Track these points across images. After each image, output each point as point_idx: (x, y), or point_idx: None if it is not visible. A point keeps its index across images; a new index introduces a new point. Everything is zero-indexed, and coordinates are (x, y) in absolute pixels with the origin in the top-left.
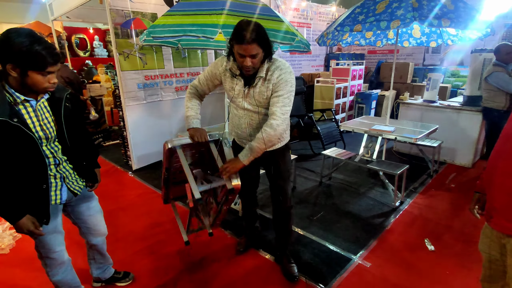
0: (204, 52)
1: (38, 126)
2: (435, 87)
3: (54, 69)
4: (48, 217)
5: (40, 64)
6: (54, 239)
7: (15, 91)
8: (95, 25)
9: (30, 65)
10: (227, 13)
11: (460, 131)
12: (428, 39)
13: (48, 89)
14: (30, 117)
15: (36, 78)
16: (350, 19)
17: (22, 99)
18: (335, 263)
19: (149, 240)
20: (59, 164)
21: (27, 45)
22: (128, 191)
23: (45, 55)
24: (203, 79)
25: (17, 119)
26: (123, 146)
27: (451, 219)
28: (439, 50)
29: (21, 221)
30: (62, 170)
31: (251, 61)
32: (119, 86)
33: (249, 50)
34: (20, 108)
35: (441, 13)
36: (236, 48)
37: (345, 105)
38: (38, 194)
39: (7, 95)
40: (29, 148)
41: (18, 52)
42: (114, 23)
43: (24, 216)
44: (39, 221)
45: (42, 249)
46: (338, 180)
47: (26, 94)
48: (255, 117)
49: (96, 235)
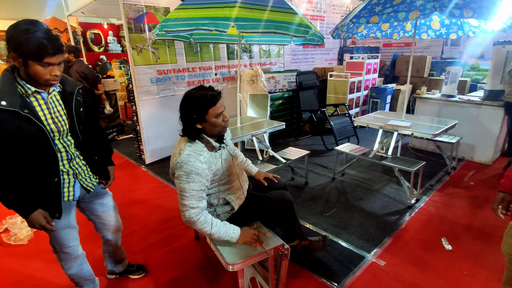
0: (216, 46)
1: (49, 118)
2: (454, 81)
3: (53, 60)
4: (60, 211)
5: (37, 54)
6: (68, 234)
7: (26, 83)
8: (109, 21)
9: (28, 55)
10: (240, 5)
11: (480, 127)
12: (448, 30)
13: (49, 81)
14: (42, 109)
15: (36, 69)
16: (367, 10)
17: (33, 90)
18: (348, 261)
19: (162, 234)
20: (72, 160)
21: (27, 34)
22: (141, 185)
23: (43, 45)
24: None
25: (28, 110)
26: (136, 140)
27: (470, 218)
28: (459, 43)
29: (32, 215)
30: (74, 166)
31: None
32: (132, 80)
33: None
34: (31, 100)
35: (463, 2)
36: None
37: (359, 99)
38: (50, 187)
39: (19, 87)
40: (40, 140)
41: (18, 41)
42: (127, 17)
43: (36, 210)
44: (51, 216)
45: (56, 244)
46: (351, 176)
47: (36, 86)
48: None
49: (111, 231)
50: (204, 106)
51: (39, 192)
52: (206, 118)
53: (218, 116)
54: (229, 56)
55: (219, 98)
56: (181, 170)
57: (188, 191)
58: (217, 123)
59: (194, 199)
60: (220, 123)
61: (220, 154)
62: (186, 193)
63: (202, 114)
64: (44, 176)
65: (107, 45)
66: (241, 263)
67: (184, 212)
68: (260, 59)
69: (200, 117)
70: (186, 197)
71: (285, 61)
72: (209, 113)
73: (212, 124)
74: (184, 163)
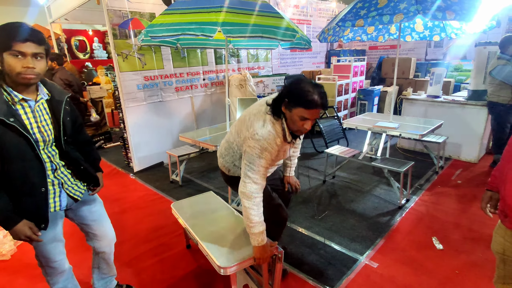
0: (204, 51)
1: (35, 128)
2: (438, 82)
3: (24, 48)
4: (46, 221)
5: (7, 41)
6: (54, 248)
7: (13, 90)
8: (94, 27)
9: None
10: (226, 10)
11: (465, 126)
12: (431, 33)
13: (22, 75)
14: (28, 118)
15: (8, 61)
16: (352, 14)
17: (20, 98)
18: (342, 264)
19: (153, 243)
20: (56, 170)
21: (1, 27)
22: (130, 193)
23: (13, 31)
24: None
25: (14, 119)
26: (124, 148)
27: (459, 216)
28: (442, 44)
29: (17, 227)
30: (59, 176)
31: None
32: (118, 87)
33: (316, 114)
34: (18, 108)
35: (445, 5)
36: (301, 111)
37: (347, 102)
38: (36, 198)
39: (5, 94)
40: (25, 150)
41: None
42: (112, 24)
43: (21, 221)
44: (37, 226)
45: (42, 258)
46: (342, 178)
47: (22, 91)
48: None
49: (102, 241)
50: (298, 101)
51: (24, 203)
52: (292, 110)
53: (302, 119)
54: (217, 61)
55: (316, 108)
56: (258, 143)
57: (258, 165)
58: (296, 123)
59: (259, 175)
60: (299, 126)
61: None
62: (255, 166)
63: (292, 105)
64: (29, 186)
65: (93, 52)
66: (234, 266)
67: (246, 184)
68: (248, 63)
69: (289, 105)
70: (254, 170)
71: (273, 65)
72: (297, 110)
73: (292, 119)
74: (263, 139)
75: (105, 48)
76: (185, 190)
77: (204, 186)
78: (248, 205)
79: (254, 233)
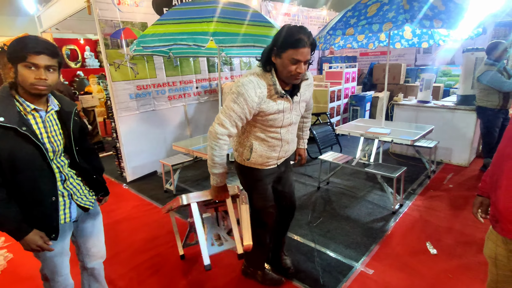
0: (196, 60)
1: (46, 138)
2: (428, 87)
3: (38, 60)
4: (57, 232)
5: (22, 53)
6: (62, 261)
7: (25, 100)
8: (86, 36)
9: (15, 57)
10: (218, 20)
11: (455, 131)
12: (420, 40)
13: (35, 86)
14: (38, 127)
15: (21, 72)
16: (342, 22)
17: (32, 107)
18: (337, 271)
19: (148, 254)
20: (66, 180)
21: (17, 40)
22: (123, 203)
23: (28, 44)
24: (237, 121)
25: (26, 128)
26: (117, 158)
27: (451, 221)
28: (431, 50)
29: (28, 236)
30: (69, 186)
31: (304, 67)
32: (111, 97)
33: (306, 54)
34: (29, 118)
35: (433, 14)
36: (290, 53)
37: (340, 108)
38: (46, 207)
39: (17, 104)
40: (37, 159)
41: (9, 48)
42: (103, 33)
43: (32, 231)
44: (47, 236)
45: (48, 271)
46: (336, 184)
47: (33, 102)
48: (294, 129)
49: (94, 257)
50: (286, 44)
51: (35, 213)
52: (282, 55)
53: (294, 62)
54: (210, 69)
55: (305, 46)
56: (237, 88)
57: (230, 110)
58: (288, 68)
59: (229, 120)
60: (291, 70)
61: (281, 104)
62: (227, 110)
63: (281, 50)
64: (40, 196)
65: (84, 61)
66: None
67: (215, 124)
68: (241, 71)
69: (278, 52)
70: (225, 114)
71: None
72: (287, 53)
73: (283, 65)
74: (241, 85)
75: (97, 56)
76: None
77: None
78: (211, 144)
79: (213, 173)
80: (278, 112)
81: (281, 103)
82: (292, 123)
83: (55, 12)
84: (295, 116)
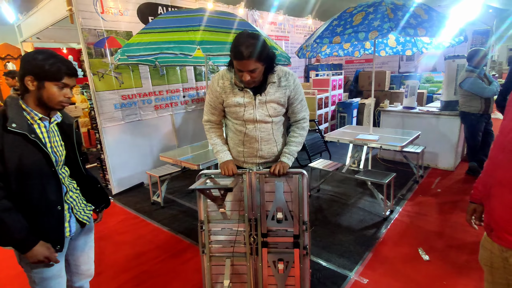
0: (183, 69)
1: (49, 148)
2: (413, 94)
3: (70, 81)
4: (62, 243)
5: (56, 75)
6: (59, 285)
7: (33, 109)
8: (69, 45)
9: (47, 76)
10: (204, 29)
11: (440, 136)
12: (404, 47)
13: (62, 103)
14: (43, 137)
15: (51, 90)
16: (329, 31)
17: (40, 116)
18: (332, 282)
19: (134, 271)
20: (66, 193)
21: (45, 57)
22: (108, 217)
23: (61, 66)
24: (210, 109)
25: (35, 135)
26: (102, 169)
27: (441, 225)
28: (413, 58)
29: (36, 248)
30: (69, 200)
31: (250, 75)
32: (94, 107)
33: (246, 66)
34: (35, 127)
35: (416, 22)
36: (235, 63)
37: (328, 115)
38: (53, 216)
39: (25, 113)
40: (44, 167)
41: (36, 64)
42: (86, 42)
43: (38, 242)
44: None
45: None
46: (326, 191)
47: (43, 112)
48: (266, 128)
49: (83, 275)
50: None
51: (41, 223)
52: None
53: (238, 70)
54: (197, 78)
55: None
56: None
57: (206, 100)
58: (238, 73)
59: (206, 109)
60: (239, 75)
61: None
62: (205, 101)
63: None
64: (46, 205)
65: None
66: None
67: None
68: None
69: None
70: (205, 104)
71: None
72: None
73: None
74: (211, 78)
75: (81, 66)
76: (167, 211)
77: (187, 206)
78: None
79: (214, 153)
80: (238, 105)
81: (241, 98)
82: (258, 121)
83: (36, 21)
84: (261, 115)
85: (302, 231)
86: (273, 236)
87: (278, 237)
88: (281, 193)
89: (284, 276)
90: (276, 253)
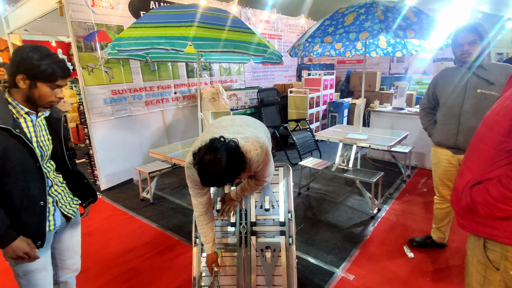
0: (175, 65)
1: (35, 142)
2: (402, 95)
3: (63, 83)
4: (43, 239)
5: (51, 77)
6: (44, 278)
7: (19, 103)
8: (58, 38)
9: (41, 77)
10: (198, 25)
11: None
12: (394, 49)
13: (53, 103)
14: (29, 131)
15: (44, 90)
16: (320, 31)
17: (26, 110)
18: (319, 278)
19: (121, 268)
20: (51, 187)
21: (40, 57)
22: (95, 213)
23: (56, 68)
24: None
25: (19, 130)
26: (90, 165)
27: (426, 224)
28: (403, 60)
29: (15, 243)
30: (54, 193)
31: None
32: (83, 102)
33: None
34: (21, 121)
35: (406, 25)
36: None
37: (319, 114)
38: (35, 212)
39: (10, 107)
40: (29, 162)
41: (31, 63)
42: (76, 36)
43: (18, 237)
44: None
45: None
46: (316, 190)
47: (30, 107)
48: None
49: (68, 270)
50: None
51: (22, 218)
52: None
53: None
54: (189, 74)
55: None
56: None
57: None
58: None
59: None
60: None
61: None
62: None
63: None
64: (29, 200)
65: None
66: None
67: None
68: (221, 76)
69: None
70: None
71: (246, 78)
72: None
73: None
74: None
75: (70, 60)
76: (156, 208)
77: (176, 203)
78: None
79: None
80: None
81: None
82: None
83: (24, 12)
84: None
85: (288, 219)
86: (261, 225)
87: (266, 226)
88: (268, 184)
89: (271, 265)
90: (264, 242)
